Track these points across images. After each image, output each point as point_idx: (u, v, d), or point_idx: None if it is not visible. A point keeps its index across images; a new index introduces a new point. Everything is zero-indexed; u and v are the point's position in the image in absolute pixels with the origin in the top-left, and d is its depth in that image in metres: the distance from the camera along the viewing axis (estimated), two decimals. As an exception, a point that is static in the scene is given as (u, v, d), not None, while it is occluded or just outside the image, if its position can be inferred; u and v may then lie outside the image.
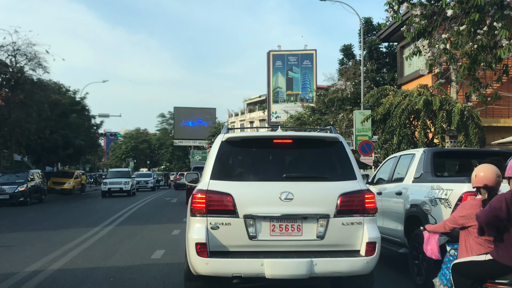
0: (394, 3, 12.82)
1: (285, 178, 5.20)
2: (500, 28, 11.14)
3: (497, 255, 4.01)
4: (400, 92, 16.35)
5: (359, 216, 5.07)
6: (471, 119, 14.26)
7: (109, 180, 32.89)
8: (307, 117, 33.54)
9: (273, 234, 4.99)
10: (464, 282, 4.19)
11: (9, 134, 26.69)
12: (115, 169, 41.69)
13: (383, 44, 30.33)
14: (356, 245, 5.06)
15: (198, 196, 5.07)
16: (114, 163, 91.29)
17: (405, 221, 7.16)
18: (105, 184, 32.56)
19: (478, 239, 4.27)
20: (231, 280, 5.17)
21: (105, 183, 32.61)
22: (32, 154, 35.25)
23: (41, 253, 9.21)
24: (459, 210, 4.56)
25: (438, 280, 4.71)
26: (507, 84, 16.94)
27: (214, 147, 5.48)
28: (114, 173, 35.28)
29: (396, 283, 7.05)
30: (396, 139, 14.88)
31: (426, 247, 4.94)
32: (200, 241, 4.92)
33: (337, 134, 5.72)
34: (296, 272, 4.84)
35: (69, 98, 38.11)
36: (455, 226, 4.51)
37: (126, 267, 7.90)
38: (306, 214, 5.00)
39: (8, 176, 24.58)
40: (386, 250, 8.09)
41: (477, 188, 4.46)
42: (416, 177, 7.26)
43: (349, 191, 5.11)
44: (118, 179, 32.92)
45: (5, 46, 26.57)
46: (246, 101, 73.63)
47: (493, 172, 4.37)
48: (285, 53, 50.56)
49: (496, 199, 4.01)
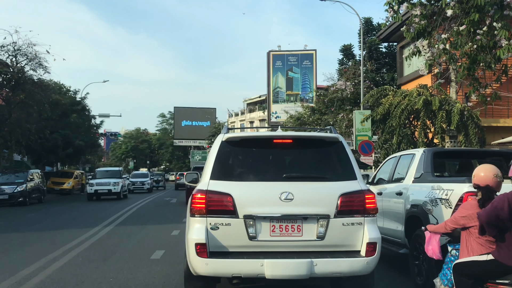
0: (394, 3, 12.82)
1: (285, 178, 5.18)
2: (500, 28, 11.14)
3: (499, 255, 4.01)
4: (399, 92, 16.32)
5: (359, 217, 5.05)
6: (470, 119, 14.25)
7: (96, 181, 28.55)
8: (307, 117, 33.54)
9: (273, 234, 4.97)
10: (465, 282, 4.19)
11: (9, 134, 26.67)
12: (104, 168, 36.76)
13: (383, 44, 30.31)
14: (356, 245, 5.04)
15: (197, 196, 5.05)
16: (114, 163, 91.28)
17: (406, 221, 7.15)
18: (91, 186, 28.22)
19: (479, 240, 4.27)
20: (231, 280, 5.17)
21: (91, 184, 28.32)
22: (32, 154, 35.21)
23: (41, 253, 9.20)
24: (460, 211, 4.56)
25: (439, 280, 4.70)
26: (507, 84, 16.93)
27: (214, 147, 5.46)
28: (102, 173, 30.82)
29: (396, 283, 7.05)
30: (396, 139, 14.87)
31: (427, 247, 4.94)
32: (200, 242, 4.90)
33: (337, 134, 5.71)
34: (296, 272, 4.82)
35: (70, 98, 38.14)
36: (456, 226, 4.51)
37: (126, 267, 7.89)
38: (306, 215, 4.98)
39: (7, 176, 24.54)
40: (386, 250, 8.09)
41: (476, 187, 4.46)
42: (416, 177, 7.25)
43: (349, 191, 5.09)
44: (107, 180, 28.58)
45: (6, 46, 26.55)
46: (246, 101, 73.67)
47: (493, 172, 4.38)
48: (285, 53, 50.56)
49: (498, 198, 4.01)
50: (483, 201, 4.37)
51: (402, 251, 7.29)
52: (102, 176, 29.81)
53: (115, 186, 28.11)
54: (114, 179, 28.79)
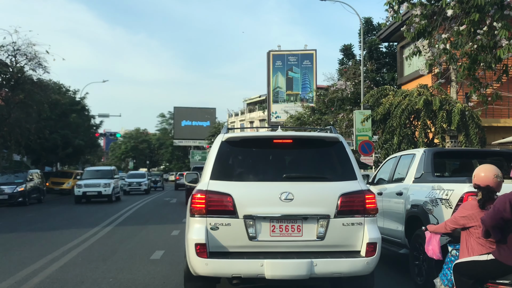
0: (394, 3, 12.80)
1: (285, 178, 5.17)
2: (500, 28, 11.12)
3: (499, 255, 4.02)
4: (400, 92, 16.33)
5: (359, 217, 5.04)
6: (471, 119, 14.25)
7: (85, 182, 25.63)
8: (307, 117, 33.52)
9: (273, 234, 4.96)
10: (465, 282, 4.19)
11: (8, 134, 26.65)
12: (94, 167, 32.73)
13: (383, 44, 30.30)
14: (356, 245, 5.04)
15: (197, 196, 5.03)
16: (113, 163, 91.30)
17: (406, 221, 7.15)
18: (79, 187, 25.29)
19: (479, 240, 4.27)
20: (231, 280, 5.16)
21: (79, 186, 25.40)
22: (31, 154, 35.18)
23: (41, 253, 9.19)
24: (460, 211, 4.56)
25: (439, 280, 4.70)
26: (507, 84, 16.93)
27: (214, 147, 5.44)
28: (91, 173, 27.52)
29: (396, 283, 7.04)
30: (396, 139, 14.87)
31: (427, 247, 4.93)
32: (200, 242, 4.89)
33: (337, 134, 5.69)
34: (296, 272, 4.82)
35: (69, 98, 38.13)
36: (456, 226, 4.51)
37: (126, 268, 7.88)
38: (306, 215, 4.97)
39: (7, 176, 24.50)
40: (386, 250, 8.08)
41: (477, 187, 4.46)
42: (416, 177, 7.24)
43: (349, 191, 5.08)
44: (97, 181, 25.53)
45: (5, 46, 26.52)
46: (246, 101, 73.67)
47: (494, 172, 4.37)
48: (285, 53, 50.54)
49: (499, 200, 4.01)
50: (483, 201, 4.36)
51: (402, 251, 7.28)
52: (91, 176, 26.57)
53: (106, 187, 25.29)
54: (105, 180, 25.80)
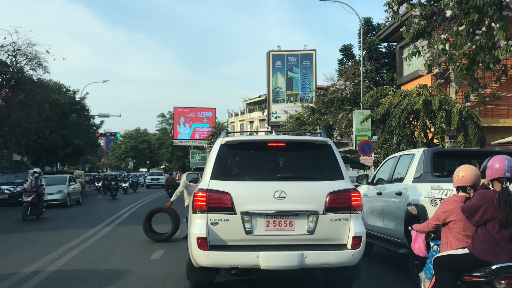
0: (394, 3, 12.81)
1: (279, 178, 5.63)
2: (498, 28, 11.14)
3: (473, 249, 4.20)
4: (399, 92, 16.34)
5: (346, 213, 5.51)
6: (470, 119, 14.26)
7: None
8: (307, 117, 33.56)
9: (268, 229, 5.41)
10: (444, 275, 4.38)
11: (9, 134, 26.66)
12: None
13: (382, 44, 30.30)
14: (343, 239, 5.49)
15: (199, 194, 5.45)
16: (113, 163, 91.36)
17: (405, 221, 7.15)
18: None
19: (457, 235, 4.48)
20: (230, 271, 5.59)
21: None
22: (31, 154, 35.20)
23: (41, 253, 9.21)
24: (441, 206, 4.74)
25: (423, 274, 4.90)
26: (506, 84, 16.94)
27: (214, 150, 5.86)
28: None
29: (396, 283, 7.06)
30: (395, 139, 14.88)
31: (413, 245, 5.13)
32: (201, 236, 5.31)
33: (326, 138, 6.13)
34: (289, 263, 5.25)
35: (69, 98, 38.18)
36: (437, 223, 4.69)
37: (126, 267, 7.90)
38: (297, 211, 5.42)
39: (7, 176, 24.54)
40: (386, 250, 8.09)
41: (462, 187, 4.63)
42: (416, 177, 7.25)
43: (336, 190, 5.55)
44: None
45: (6, 46, 26.53)
46: (246, 101, 73.69)
47: (476, 172, 4.58)
48: (284, 53, 50.61)
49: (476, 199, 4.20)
50: None
51: (402, 251, 7.29)
52: None
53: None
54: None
